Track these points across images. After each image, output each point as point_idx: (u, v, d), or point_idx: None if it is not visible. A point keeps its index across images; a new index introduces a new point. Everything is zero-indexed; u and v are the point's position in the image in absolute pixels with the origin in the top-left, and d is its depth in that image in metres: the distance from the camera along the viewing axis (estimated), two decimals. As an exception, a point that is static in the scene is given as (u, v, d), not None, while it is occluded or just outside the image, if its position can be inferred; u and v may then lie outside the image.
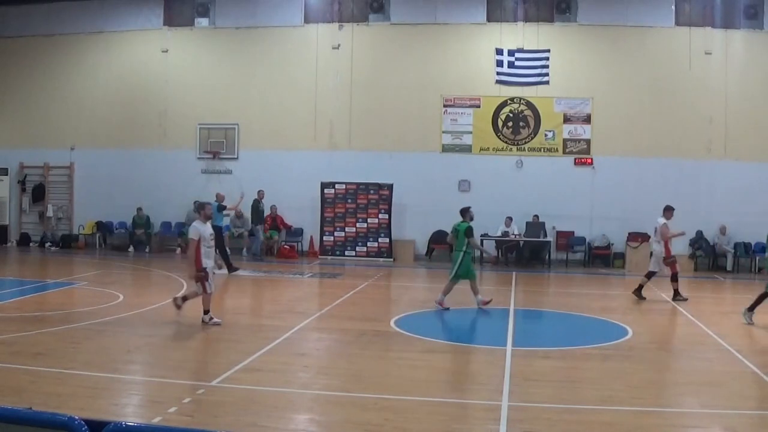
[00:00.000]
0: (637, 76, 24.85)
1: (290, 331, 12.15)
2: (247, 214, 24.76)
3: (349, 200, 25.08)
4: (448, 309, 14.97)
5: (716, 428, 7.96)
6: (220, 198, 20.76)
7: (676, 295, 17.23)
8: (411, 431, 7.50)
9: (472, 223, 15.64)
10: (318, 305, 16.11)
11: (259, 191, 24.36)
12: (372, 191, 24.84)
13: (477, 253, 17.77)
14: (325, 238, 25.18)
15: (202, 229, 12.58)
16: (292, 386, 9.07)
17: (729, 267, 24.28)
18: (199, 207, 13.23)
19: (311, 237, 25.67)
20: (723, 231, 24.35)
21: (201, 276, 12.42)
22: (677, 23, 24.97)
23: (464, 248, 15.28)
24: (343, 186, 25.10)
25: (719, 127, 24.55)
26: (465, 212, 15.74)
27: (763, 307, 14.11)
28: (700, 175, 24.54)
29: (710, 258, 24.59)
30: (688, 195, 24.30)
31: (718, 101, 24.61)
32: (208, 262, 12.58)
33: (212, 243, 12.89)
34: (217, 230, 20.07)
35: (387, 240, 24.74)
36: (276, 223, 25.33)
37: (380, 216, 24.86)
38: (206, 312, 12.53)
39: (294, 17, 26.12)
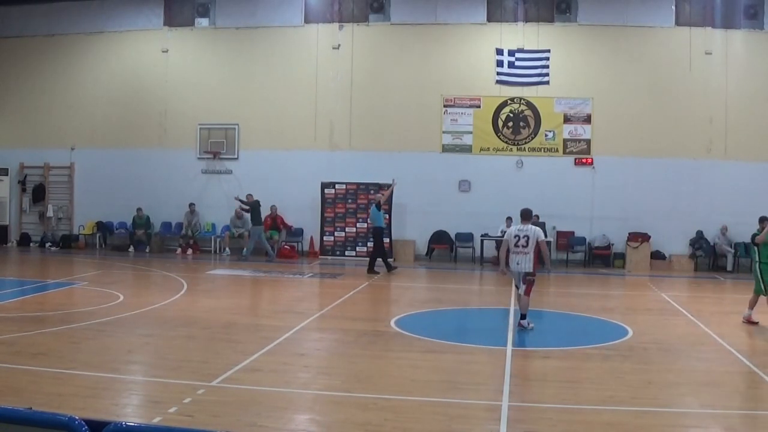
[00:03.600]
0: (637, 76, 24.85)
1: (290, 331, 12.15)
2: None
3: (350, 200, 25.09)
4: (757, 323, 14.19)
5: (716, 428, 7.96)
6: (378, 200, 22.02)
7: None
8: (411, 431, 7.49)
9: None
10: (318, 305, 16.10)
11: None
12: (372, 191, 24.82)
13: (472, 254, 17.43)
14: (325, 238, 25.20)
15: None
16: (293, 386, 9.07)
17: (729, 267, 24.25)
18: None
19: (311, 237, 25.67)
20: (723, 231, 24.33)
21: None
22: (677, 23, 24.98)
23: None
24: (344, 186, 25.11)
25: (719, 127, 24.54)
26: (761, 220, 14.99)
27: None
28: (701, 176, 24.52)
29: (710, 258, 24.57)
30: (688, 195, 24.40)
31: (719, 101, 24.60)
32: None
33: None
34: (378, 231, 21.27)
35: (387, 240, 24.70)
36: (276, 223, 25.33)
37: (381, 216, 24.85)
38: None
39: (294, 17, 26.12)
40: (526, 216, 13.78)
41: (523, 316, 13.10)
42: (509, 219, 23.54)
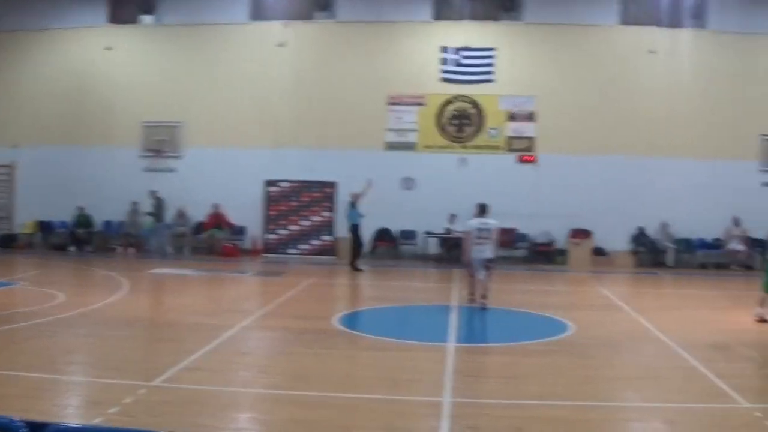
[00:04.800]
0: (581, 75, 25.15)
1: (232, 330, 12.06)
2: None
3: (293, 198, 24.97)
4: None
5: (657, 422, 8.08)
6: (353, 197, 21.77)
7: None
8: (354, 429, 7.49)
9: None
10: (261, 303, 16.02)
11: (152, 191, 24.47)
12: (316, 189, 24.75)
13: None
14: (269, 236, 25.05)
15: None
16: (235, 385, 9.04)
17: (670, 263, 24.66)
18: None
19: (255, 235, 25.47)
20: (664, 227, 24.73)
21: None
22: (622, 22, 25.33)
23: None
24: (288, 184, 24.99)
25: (663, 125, 24.89)
26: None
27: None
28: (643, 173, 24.84)
29: (651, 254, 24.94)
30: (631, 192, 24.72)
31: (662, 99, 24.96)
32: None
33: None
34: (353, 229, 21.51)
35: (331, 238, 24.69)
36: (219, 221, 25.11)
37: (324, 214, 24.83)
38: None
39: (240, 14, 25.91)
40: (484, 210, 15.83)
41: (484, 296, 14.96)
42: (453, 216, 23.65)
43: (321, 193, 24.89)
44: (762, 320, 14.11)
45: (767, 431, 7.73)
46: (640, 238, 24.88)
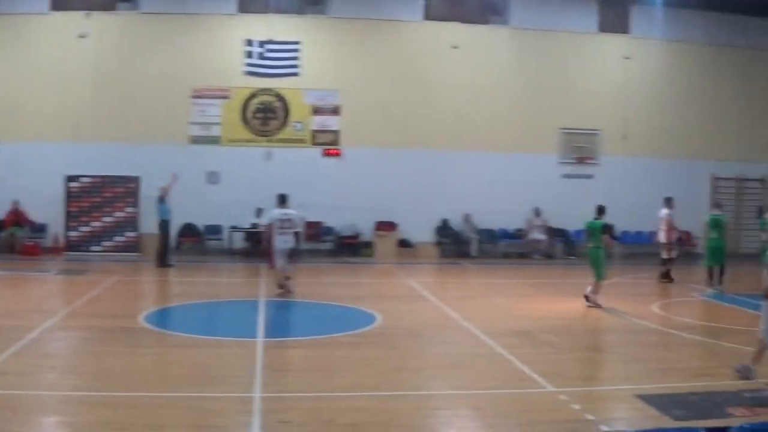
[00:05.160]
0: (386, 69, 25.46)
1: (36, 331, 11.66)
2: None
3: (95, 194, 24.30)
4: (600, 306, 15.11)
5: (465, 409, 8.33)
6: (162, 191, 21.29)
7: (665, 277, 19.37)
8: (164, 428, 7.39)
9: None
10: (64, 303, 15.44)
11: None
12: (118, 184, 24.19)
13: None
14: (71, 233, 24.28)
15: None
16: (40, 388, 8.74)
17: (473, 253, 25.17)
18: None
19: (56, 232, 24.65)
20: (467, 219, 25.23)
21: None
22: (426, 17, 25.77)
23: (600, 245, 15.32)
24: (89, 179, 24.28)
25: (465, 119, 25.50)
26: (601, 210, 15.50)
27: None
28: (447, 166, 25.39)
29: (455, 245, 25.41)
30: (435, 185, 25.21)
31: (465, 94, 25.57)
32: None
33: None
34: (163, 224, 21.08)
35: (135, 234, 24.17)
36: (18, 219, 24.22)
37: (127, 210, 24.25)
38: None
39: (40, 4, 24.88)
40: (284, 200, 16.43)
41: (287, 285, 16.00)
42: (260, 210, 23.49)
43: (124, 188, 24.28)
44: (596, 305, 15.00)
45: (574, 414, 7.99)
46: (444, 229, 25.35)
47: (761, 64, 27.38)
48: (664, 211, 19.52)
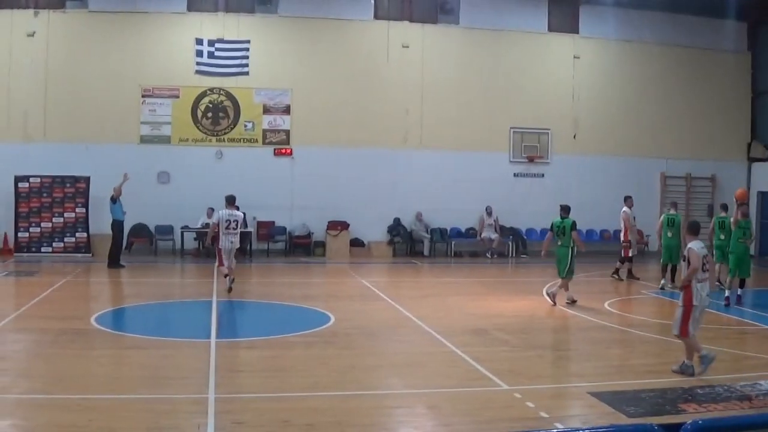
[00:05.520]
0: (336, 69, 25.48)
1: None
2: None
3: (45, 194, 24.05)
4: (576, 302, 15.46)
5: (420, 407, 8.41)
6: (116, 191, 21.07)
7: (616, 273, 19.80)
8: (117, 430, 7.39)
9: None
10: (14, 305, 15.13)
11: None
12: (68, 184, 23.97)
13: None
14: (19, 234, 23.97)
15: None
16: None
17: (426, 252, 25.32)
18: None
19: (5, 234, 24.34)
20: (419, 217, 25.36)
21: None
22: (376, 17, 25.85)
23: (570, 244, 15.38)
24: (38, 179, 24.02)
25: (415, 118, 25.63)
26: (568, 209, 15.66)
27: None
28: (398, 164, 25.51)
29: (408, 244, 25.54)
30: (386, 184, 25.30)
31: (415, 93, 25.70)
32: None
33: None
34: (115, 224, 21.00)
35: (85, 235, 23.98)
36: (-34, 220, 23.96)
37: (77, 210, 24.02)
38: None
39: (-14, 2, 24.73)
40: (232, 201, 16.67)
41: (227, 275, 16.15)
42: (212, 210, 23.40)
43: (74, 188, 24.02)
44: (572, 302, 15.35)
45: (529, 412, 8.08)
46: (396, 228, 25.43)
47: (709, 63, 27.81)
48: (623, 210, 19.85)
